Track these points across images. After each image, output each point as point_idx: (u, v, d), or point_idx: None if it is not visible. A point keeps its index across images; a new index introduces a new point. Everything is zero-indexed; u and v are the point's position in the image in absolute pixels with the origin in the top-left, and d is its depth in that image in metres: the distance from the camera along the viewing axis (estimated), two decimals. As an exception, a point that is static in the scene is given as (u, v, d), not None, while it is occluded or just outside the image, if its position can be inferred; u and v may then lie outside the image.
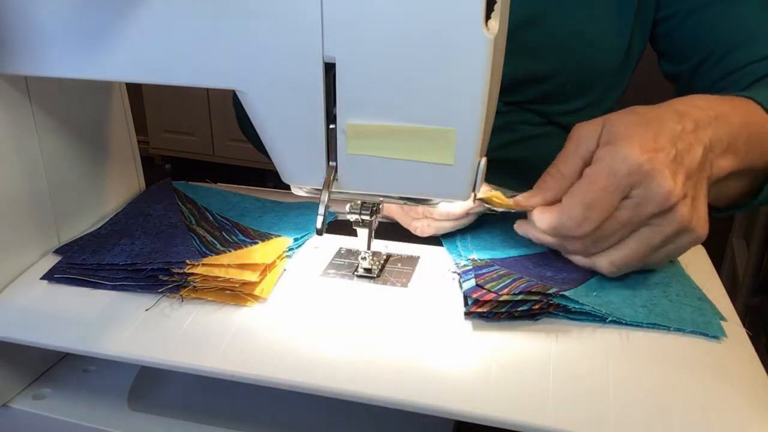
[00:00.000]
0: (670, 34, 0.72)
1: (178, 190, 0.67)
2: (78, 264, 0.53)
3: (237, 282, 0.49)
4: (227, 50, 0.43)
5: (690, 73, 0.71)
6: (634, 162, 0.44)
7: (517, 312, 0.46)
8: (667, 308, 0.47)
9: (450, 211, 0.56)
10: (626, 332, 0.45)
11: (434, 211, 0.58)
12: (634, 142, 0.45)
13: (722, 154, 0.50)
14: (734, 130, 0.51)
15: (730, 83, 0.67)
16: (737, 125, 0.51)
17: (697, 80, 0.70)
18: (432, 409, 0.40)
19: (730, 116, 0.51)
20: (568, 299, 0.46)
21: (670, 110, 0.49)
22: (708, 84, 0.69)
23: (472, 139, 0.42)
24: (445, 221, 0.58)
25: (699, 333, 0.45)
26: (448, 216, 0.57)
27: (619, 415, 0.38)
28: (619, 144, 0.45)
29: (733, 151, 0.51)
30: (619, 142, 0.46)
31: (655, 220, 0.46)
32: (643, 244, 0.47)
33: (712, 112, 0.50)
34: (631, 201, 0.45)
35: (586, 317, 0.46)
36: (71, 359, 0.58)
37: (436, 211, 0.57)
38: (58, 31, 0.46)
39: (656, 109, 0.49)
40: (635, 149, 0.45)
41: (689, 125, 0.48)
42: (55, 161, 0.58)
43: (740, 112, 0.53)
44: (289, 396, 0.52)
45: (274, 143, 0.46)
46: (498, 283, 0.47)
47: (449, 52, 0.39)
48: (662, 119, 0.48)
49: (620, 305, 0.47)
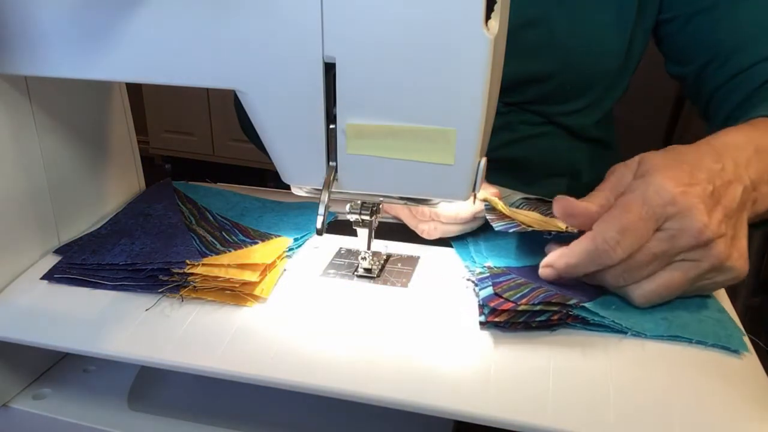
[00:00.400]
0: (673, 37, 0.72)
1: (178, 190, 0.67)
2: (78, 264, 0.53)
3: (237, 282, 0.49)
4: (227, 50, 0.43)
5: (695, 74, 0.71)
6: (667, 194, 0.44)
7: (534, 323, 0.45)
8: (688, 320, 0.46)
9: (457, 215, 0.56)
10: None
11: (441, 214, 0.57)
12: (669, 176, 0.45)
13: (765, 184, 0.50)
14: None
15: (736, 84, 0.67)
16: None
17: (703, 81, 0.70)
18: (432, 409, 0.40)
19: (764, 144, 0.51)
20: (588, 311, 0.45)
21: (708, 149, 0.49)
22: (715, 85, 0.69)
23: (472, 139, 0.41)
24: (452, 224, 0.57)
25: (720, 347, 0.44)
26: (456, 219, 0.57)
27: (619, 415, 0.38)
28: (654, 176, 0.45)
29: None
30: (655, 174, 0.45)
31: (690, 255, 0.45)
32: (677, 278, 0.46)
33: (751, 148, 0.50)
34: (664, 233, 0.44)
35: (605, 330, 0.45)
36: (71, 359, 0.58)
37: (444, 214, 0.57)
38: (58, 31, 0.46)
39: (695, 148, 0.49)
40: (670, 182, 0.44)
41: (729, 164, 0.47)
42: (55, 161, 0.58)
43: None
44: (289, 396, 0.52)
45: (274, 143, 0.46)
46: (516, 292, 0.46)
47: (449, 52, 0.39)
48: (701, 158, 0.47)
49: (640, 318, 0.46)
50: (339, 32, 0.40)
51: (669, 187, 0.44)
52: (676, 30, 0.71)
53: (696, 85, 0.71)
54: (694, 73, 0.71)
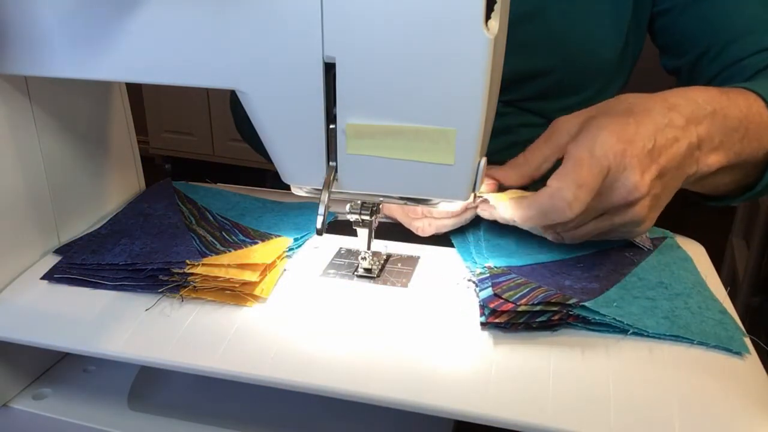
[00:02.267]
0: (668, 29, 0.72)
1: (178, 190, 0.67)
2: (78, 264, 0.53)
3: (237, 282, 0.49)
4: (227, 50, 0.43)
5: (690, 66, 0.71)
6: (609, 149, 0.46)
7: (535, 323, 0.45)
8: (689, 320, 0.45)
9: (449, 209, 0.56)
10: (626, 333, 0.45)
11: (434, 210, 0.57)
12: (614, 130, 0.46)
13: (713, 150, 0.51)
14: (731, 125, 0.51)
15: (730, 76, 0.67)
16: (735, 120, 0.51)
17: (697, 74, 0.71)
18: (432, 409, 0.40)
19: (727, 110, 0.51)
20: (588, 310, 0.45)
21: (660, 102, 0.49)
22: (709, 77, 0.69)
23: (472, 139, 0.41)
24: (445, 219, 0.58)
25: (722, 348, 0.43)
26: (448, 214, 0.57)
27: (620, 415, 0.38)
28: (601, 130, 0.47)
29: (726, 147, 0.51)
30: (601, 128, 0.47)
31: (614, 210, 0.48)
32: (599, 228, 0.50)
33: (709, 107, 0.50)
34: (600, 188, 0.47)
35: (606, 329, 0.45)
36: (71, 359, 0.58)
37: (435, 209, 0.57)
38: (58, 31, 0.46)
39: (647, 100, 0.50)
40: (613, 137, 0.46)
41: (678, 120, 0.48)
42: (55, 161, 0.58)
43: (739, 106, 0.53)
44: (289, 396, 0.52)
45: (274, 143, 0.46)
46: (516, 292, 0.46)
47: (449, 52, 0.39)
48: (649, 111, 0.48)
49: (641, 316, 0.45)
50: (339, 32, 0.40)
51: (612, 143, 0.46)
52: (671, 22, 0.71)
53: (691, 77, 0.72)
54: (689, 65, 0.71)
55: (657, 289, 0.49)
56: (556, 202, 0.46)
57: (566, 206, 0.46)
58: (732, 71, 0.67)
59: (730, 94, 0.54)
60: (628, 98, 0.50)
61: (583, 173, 0.45)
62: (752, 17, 0.67)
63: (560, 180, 0.46)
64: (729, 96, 0.53)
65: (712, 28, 0.68)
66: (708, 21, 0.68)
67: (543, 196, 0.47)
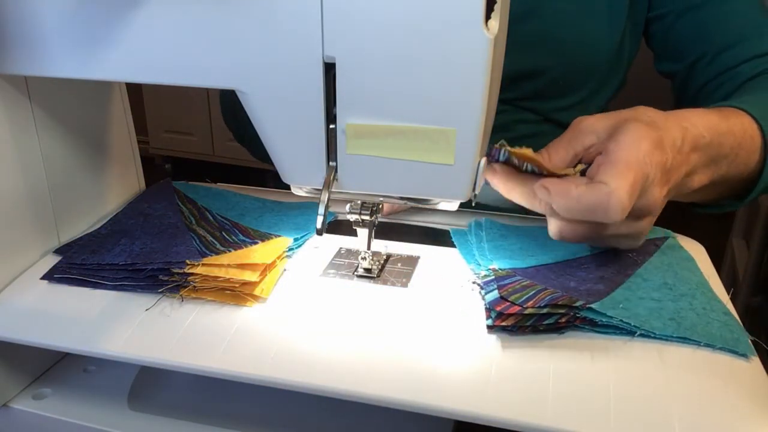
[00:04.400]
0: (663, 34, 0.72)
1: (178, 190, 0.67)
2: (78, 264, 0.53)
3: (237, 282, 0.49)
4: (227, 50, 0.43)
5: (685, 72, 0.71)
6: (653, 157, 0.45)
7: (542, 326, 0.44)
8: (695, 321, 0.45)
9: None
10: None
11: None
12: (652, 139, 0.45)
13: (701, 171, 0.51)
14: (723, 152, 0.52)
15: (724, 82, 0.68)
16: (728, 148, 0.52)
17: (692, 79, 0.71)
18: (432, 409, 0.40)
19: (723, 139, 0.52)
20: (595, 312, 0.45)
21: (675, 123, 0.49)
22: (703, 82, 0.70)
23: (472, 139, 0.42)
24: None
25: (728, 350, 0.43)
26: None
27: (620, 415, 0.38)
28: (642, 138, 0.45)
29: (713, 170, 0.52)
30: (641, 135, 0.45)
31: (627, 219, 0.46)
32: (597, 234, 0.48)
33: (708, 137, 0.51)
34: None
35: (613, 331, 0.45)
36: (71, 359, 0.58)
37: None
38: (58, 31, 0.46)
39: (665, 119, 0.49)
40: (653, 146, 0.45)
41: (686, 146, 0.49)
42: (55, 161, 0.58)
43: (735, 134, 0.53)
44: (289, 396, 0.52)
45: (274, 143, 0.46)
46: (522, 294, 0.45)
47: (449, 52, 0.39)
48: (668, 130, 0.48)
49: (648, 318, 0.45)
50: (339, 32, 0.40)
51: (653, 151, 0.45)
52: (666, 27, 0.72)
53: (685, 82, 0.72)
54: (685, 71, 0.71)
55: (662, 290, 0.49)
56: (612, 202, 0.43)
57: (621, 209, 0.43)
58: (725, 77, 0.68)
59: (730, 120, 0.54)
60: (647, 112, 0.49)
61: (636, 176, 0.44)
62: (746, 25, 0.68)
63: (617, 179, 0.43)
64: (728, 122, 0.54)
65: (707, 34, 0.69)
66: (703, 28, 0.69)
67: (599, 193, 0.43)
